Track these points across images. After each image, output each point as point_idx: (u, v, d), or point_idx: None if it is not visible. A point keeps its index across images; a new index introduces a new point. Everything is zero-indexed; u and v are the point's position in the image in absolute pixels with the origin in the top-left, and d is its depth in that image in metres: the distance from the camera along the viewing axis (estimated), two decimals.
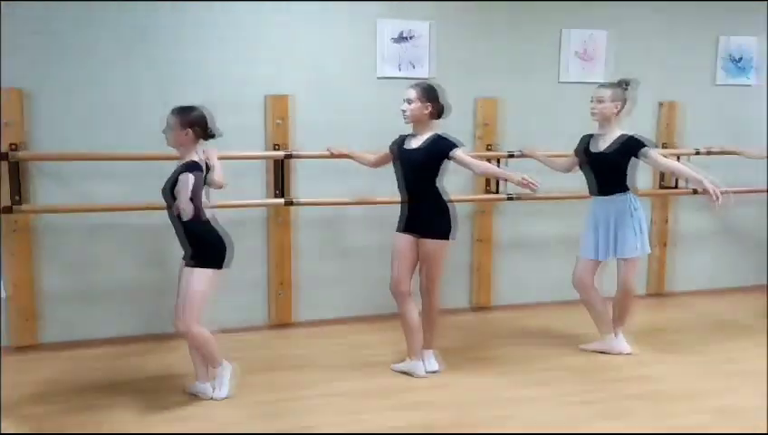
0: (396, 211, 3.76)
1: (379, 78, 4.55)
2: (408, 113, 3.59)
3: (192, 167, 3.17)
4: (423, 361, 3.74)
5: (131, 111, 4.11)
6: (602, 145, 3.91)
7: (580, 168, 4.08)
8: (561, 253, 4.90)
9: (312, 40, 4.40)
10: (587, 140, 4.03)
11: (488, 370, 3.84)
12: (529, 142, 4.59)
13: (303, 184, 4.43)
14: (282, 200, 4.27)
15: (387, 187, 3.94)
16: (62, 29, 3.95)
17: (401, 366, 3.78)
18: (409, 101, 3.58)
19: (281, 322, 4.53)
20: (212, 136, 3.33)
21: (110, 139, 4.07)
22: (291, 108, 4.35)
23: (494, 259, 4.97)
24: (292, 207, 4.38)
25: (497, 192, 4.73)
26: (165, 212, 3.35)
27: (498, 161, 4.68)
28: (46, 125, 3.98)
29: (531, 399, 3.46)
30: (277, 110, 4.32)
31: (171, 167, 3.31)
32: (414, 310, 3.71)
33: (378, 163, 3.94)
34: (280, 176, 4.31)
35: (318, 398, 3.46)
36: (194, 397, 3.42)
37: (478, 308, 4.97)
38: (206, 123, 3.29)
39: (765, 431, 3.08)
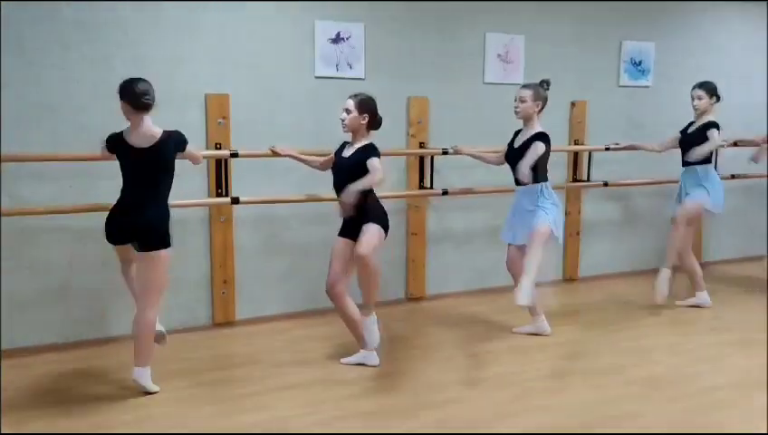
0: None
1: (317, 77, 4.65)
2: (345, 122, 3.75)
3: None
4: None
5: (67, 110, 3.99)
6: (520, 141, 4.23)
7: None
8: (487, 243, 5.24)
9: (252, 40, 4.43)
10: (515, 135, 4.34)
11: (434, 355, 4.06)
12: (456, 140, 4.86)
13: (241, 183, 4.45)
14: (227, 199, 4.28)
15: (327, 184, 4.03)
16: None
17: (354, 359, 3.93)
18: (348, 111, 3.74)
19: (224, 320, 4.54)
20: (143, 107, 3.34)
21: (45, 138, 3.93)
22: (231, 107, 4.37)
23: (427, 251, 5.22)
24: (232, 206, 4.41)
25: (432, 187, 4.96)
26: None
27: (432, 158, 4.92)
28: None
29: (481, 380, 3.71)
30: (217, 108, 4.32)
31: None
32: (352, 304, 3.85)
33: (325, 166, 4.04)
34: (223, 175, 4.32)
35: (275, 391, 3.54)
36: (153, 398, 3.42)
37: (413, 299, 5.19)
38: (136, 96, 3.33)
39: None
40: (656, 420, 3.27)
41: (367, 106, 3.74)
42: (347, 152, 3.79)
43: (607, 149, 5.48)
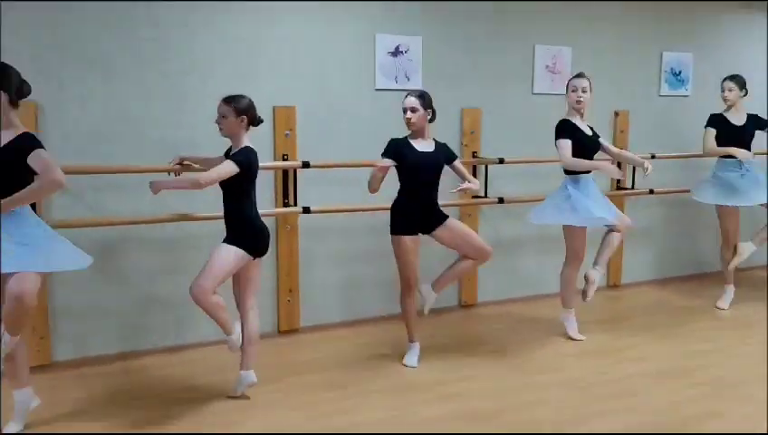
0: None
1: (377, 89, 4.77)
2: (413, 120, 3.86)
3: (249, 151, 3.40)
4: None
5: (144, 124, 4.10)
6: (589, 130, 4.43)
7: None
8: (537, 251, 5.35)
9: (316, 54, 4.55)
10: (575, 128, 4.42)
11: (499, 360, 4.16)
12: (507, 149, 4.98)
13: (303, 193, 4.54)
14: (299, 208, 4.38)
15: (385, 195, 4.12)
16: (77, 42, 3.89)
17: (414, 357, 4.07)
18: (413, 110, 3.85)
19: (288, 327, 4.63)
20: (260, 122, 3.52)
21: (123, 151, 4.03)
22: (297, 118, 4.48)
23: None
24: (297, 216, 4.51)
25: (486, 196, 5.07)
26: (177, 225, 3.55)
27: (486, 168, 5.04)
28: (59, 138, 3.89)
29: (553, 384, 3.80)
30: (284, 121, 4.43)
31: None
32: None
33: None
34: (293, 185, 4.42)
35: (357, 396, 3.64)
36: (239, 403, 3.50)
37: (466, 306, 5.29)
38: (255, 111, 3.46)
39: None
40: (739, 420, 3.38)
41: (429, 101, 3.92)
42: (424, 148, 3.90)
43: (653, 156, 5.62)
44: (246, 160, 3.36)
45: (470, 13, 5.04)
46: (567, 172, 4.36)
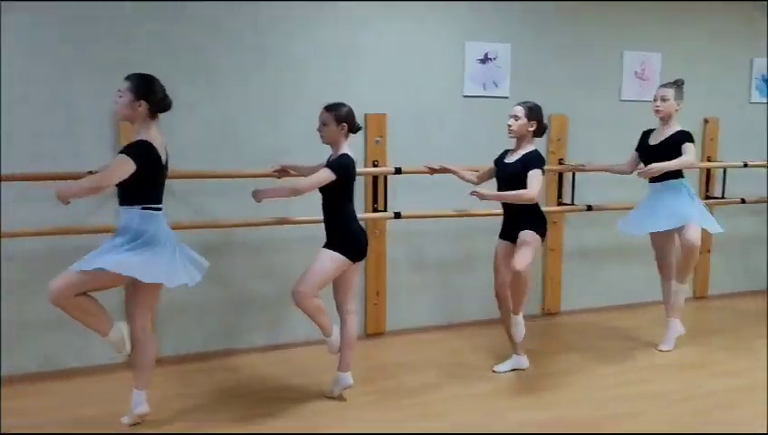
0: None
1: (465, 96, 4.81)
2: (513, 128, 3.87)
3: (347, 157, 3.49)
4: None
5: (245, 130, 4.26)
6: (657, 139, 4.34)
7: (642, 161, 4.43)
8: (621, 260, 5.29)
9: (406, 61, 4.63)
10: (647, 134, 4.44)
11: (586, 369, 4.12)
12: (592, 156, 4.94)
13: (393, 198, 4.62)
14: (390, 214, 4.46)
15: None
16: (185, 50, 4.08)
17: (508, 365, 4.06)
18: (516, 118, 3.86)
19: (375, 330, 4.71)
20: (359, 129, 3.62)
21: (224, 156, 4.19)
22: (388, 125, 4.57)
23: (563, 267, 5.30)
24: (385, 221, 4.59)
25: (573, 204, 5.04)
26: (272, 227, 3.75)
27: (574, 175, 5.01)
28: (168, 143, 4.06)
29: (645, 395, 3.76)
30: (376, 128, 4.52)
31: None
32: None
33: (482, 178, 4.18)
34: (383, 191, 4.50)
35: (452, 399, 3.68)
36: (336, 404, 3.60)
37: (549, 314, 5.26)
38: (354, 119, 3.56)
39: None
40: None
41: (536, 113, 3.87)
42: (510, 159, 3.92)
43: (745, 165, 5.46)
44: (343, 167, 3.45)
45: (559, 19, 5.03)
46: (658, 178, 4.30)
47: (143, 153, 3.04)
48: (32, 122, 3.78)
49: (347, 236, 3.51)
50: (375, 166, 4.52)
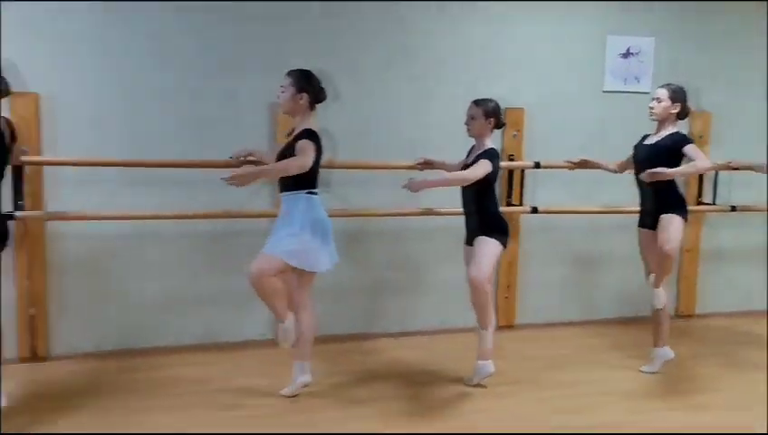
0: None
1: (604, 91, 4.76)
2: (655, 111, 3.80)
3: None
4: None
5: (389, 124, 4.41)
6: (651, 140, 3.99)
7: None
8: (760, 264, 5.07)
9: (547, 56, 4.63)
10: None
11: (739, 374, 3.99)
12: (736, 155, 4.74)
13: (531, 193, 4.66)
14: (527, 208, 4.50)
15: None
16: (336, 48, 4.27)
17: (656, 366, 3.98)
18: (659, 100, 3.79)
19: (505, 323, 4.76)
20: (503, 124, 3.73)
21: (369, 149, 4.36)
22: (525, 120, 4.59)
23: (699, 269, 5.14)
24: (519, 215, 4.63)
25: (714, 203, 4.88)
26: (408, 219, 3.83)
27: (717, 174, 4.84)
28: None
29: None
30: (513, 122, 4.55)
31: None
32: None
33: (623, 168, 4.12)
34: (518, 185, 4.54)
35: (593, 395, 3.67)
36: (476, 391, 3.68)
37: (683, 316, 5.12)
38: (501, 114, 3.66)
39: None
40: None
41: (679, 95, 3.80)
42: (651, 140, 3.85)
43: None
44: (497, 159, 3.55)
45: (705, 11, 4.87)
46: None
47: (317, 141, 3.27)
48: (203, 113, 4.08)
49: (501, 225, 3.62)
50: (511, 160, 4.56)
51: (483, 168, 3.47)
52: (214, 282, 4.21)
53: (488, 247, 3.54)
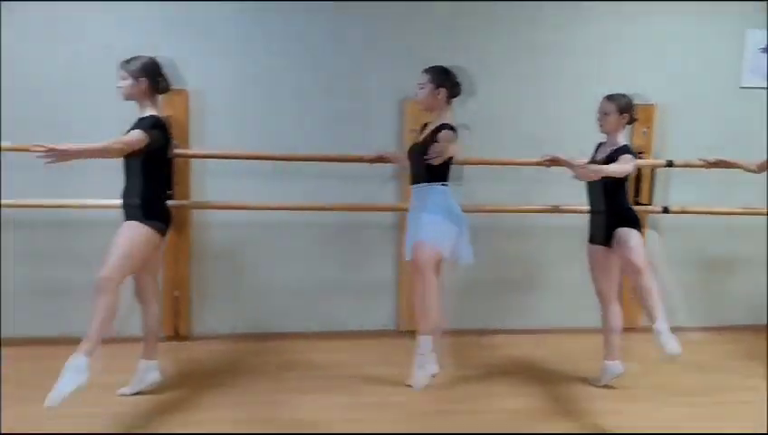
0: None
1: (741, 88, 4.55)
2: None
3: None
4: None
5: (515, 119, 4.41)
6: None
7: None
8: None
9: (681, 51, 4.49)
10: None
11: None
12: None
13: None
14: (658, 208, 4.38)
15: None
16: (466, 44, 4.31)
17: None
18: None
19: (629, 325, 4.61)
20: (635, 120, 3.63)
21: (494, 144, 4.36)
22: (656, 117, 4.46)
23: None
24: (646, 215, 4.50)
25: None
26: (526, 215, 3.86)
27: None
28: None
29: None
30: (643, 119, 4.43)
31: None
32: None
33: (762, 168, 3.91)
34: (648, 184, 4.42)
35: (728, 404, 3.53)
36: (605, 392, 3.62)
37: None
38: (634, 109, 3.56)
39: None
40: None
41: None
42: None
43: None
44: (635, 156, 3.49)
45: None
46: None
47: (456, 134, 3.35)
48: (335, 110, 4.23)
49: (636, 219, 3.53)
50: (640, 157, 4.42)
51: (629, 163, 3.41)
52: (341, 272, 4.37)
53: (633, 238, 3.44)
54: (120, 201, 3.17)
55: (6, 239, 3.98)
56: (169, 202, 3.87)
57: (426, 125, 3.55)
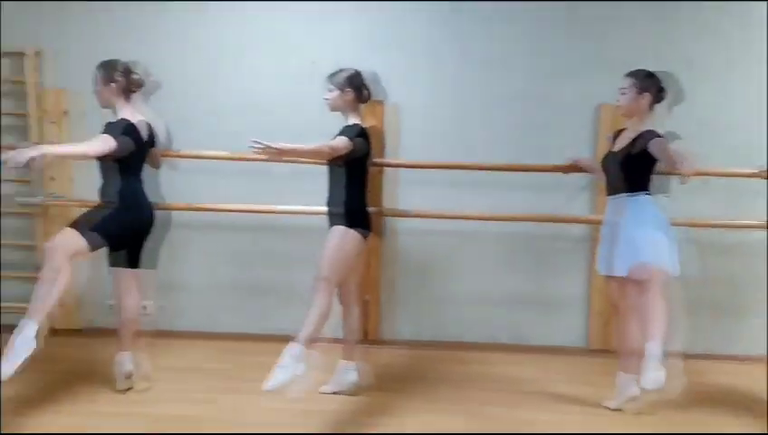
0: None
1: None
2: None
3: None
4: None
5: (725, 127, 4.08)
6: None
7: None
8: None
9: None
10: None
11: None
12: None
13: None
14: None
15: None
16: (671, 48, 4.08)
17: None
18: None
19: None
20: None
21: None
22: None
23: None
24: None
25: None
26: None
27: None
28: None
29: None
30: None
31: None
32: None
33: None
34: None
35: None
36: None
37: None
38: None
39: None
40: None
41: None
42: None
43: None
44: None
45: None
46: None
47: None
48: (528, 117, 4.16)
49: None
50: None
51: None
52: (528, 284, 4.28)
53: None
54: (322, 208, 3.33)
55: (216, 241, 4.34)
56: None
57: (620, 132, 3.37)
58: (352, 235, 3.19)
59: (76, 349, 4.00)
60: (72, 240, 3.07)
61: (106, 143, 3.09)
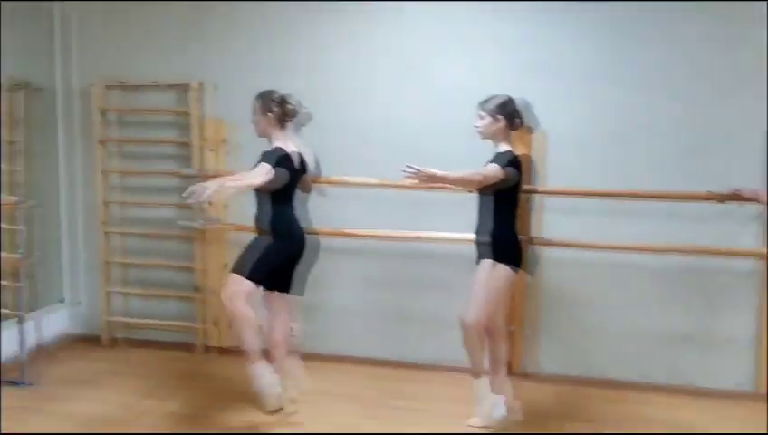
0: None
1: None
2: None
3: None
4: None
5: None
6: None
7: None
8: None
9: None
10: None
11: None
12: None
13: None
14: None
15: None
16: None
17: None
18: None
19: None
20: None
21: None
22: None
23: None
24: None
25: None
26: None
27: None
28: None
29: None
30: None
31: None
32: None
33: None
34: None
35: None
36: None
37: None
38: None
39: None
40: None
41: None
42: None
43: None
44: None
45: None
46: None
47: None
48: (689, 142, 3.89)
49: None
50: None
51: None
52: (687, 321, 3.97)
53: None
54: (469, 235, 3.27)
55: (363, 267, 4.36)
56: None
57: None
58: (501, 270, 3.11)
59: (226, 367, 4.18)
60: (241, 287, 3.28)
61: (267, 174, 3.22)
